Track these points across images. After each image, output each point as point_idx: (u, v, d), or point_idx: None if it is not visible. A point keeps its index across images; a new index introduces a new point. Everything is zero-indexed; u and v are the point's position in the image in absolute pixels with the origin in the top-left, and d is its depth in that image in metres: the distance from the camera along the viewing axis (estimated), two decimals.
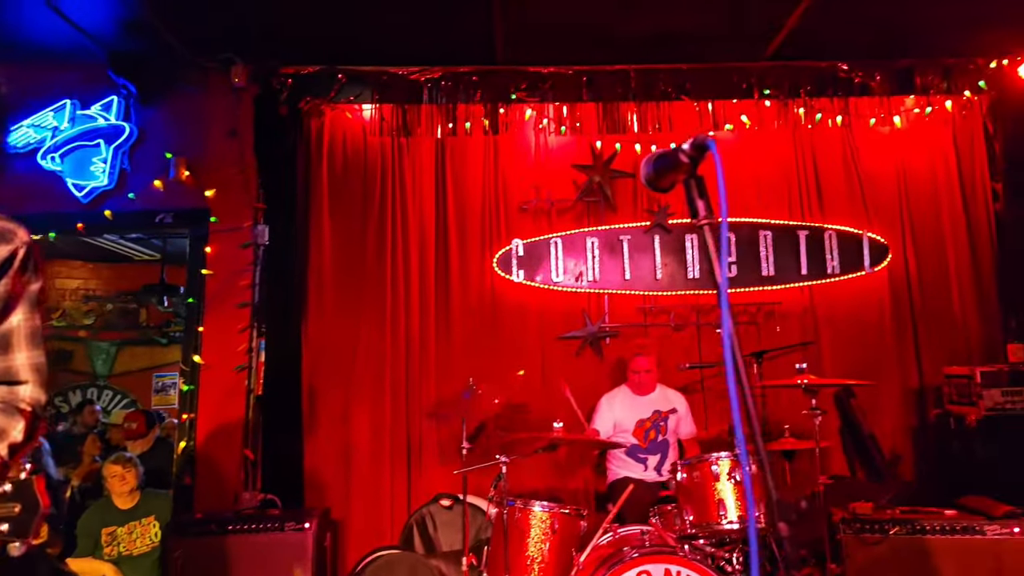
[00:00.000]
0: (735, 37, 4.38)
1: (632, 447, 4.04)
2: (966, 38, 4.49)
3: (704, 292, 4.70)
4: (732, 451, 2.99)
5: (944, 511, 3.16)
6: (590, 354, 4.65)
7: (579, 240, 4.69)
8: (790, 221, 4.76)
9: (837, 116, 4.78)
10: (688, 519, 2.96)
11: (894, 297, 4.73)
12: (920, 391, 4.61)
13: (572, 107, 4.65)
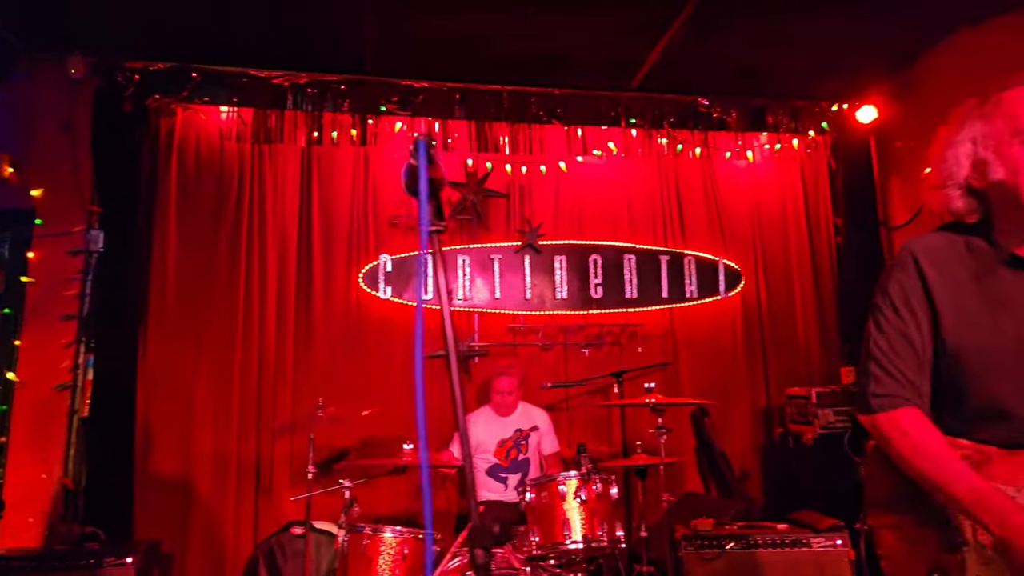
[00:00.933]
0: (604, 66, 4.51)
1: (492, 467, 4.00)
2: (811, 83, 4.86)
3: (572, 312, 4.77)
4: (580, 470, 2.99)
5: (777, 526, 3.32)
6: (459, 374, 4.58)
7: (450, 258, 4.63)
8: (653, 246, 4.94)
9: (697, 148, 5.02)
10: (535, 540, 2.93)
11: (746, 321, 4.99)
12: (767, 411, 4.88)
13: (444, 123, 4.61)
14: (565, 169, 4.82)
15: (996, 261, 1.42)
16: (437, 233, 0.98)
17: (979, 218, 1.46)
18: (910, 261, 1.48)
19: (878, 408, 1.45)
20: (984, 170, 1.42)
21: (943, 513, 1.40)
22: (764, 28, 4.07)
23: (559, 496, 2.94)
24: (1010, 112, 1.39)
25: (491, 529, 0.81)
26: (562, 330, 4.74)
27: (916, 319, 1.45)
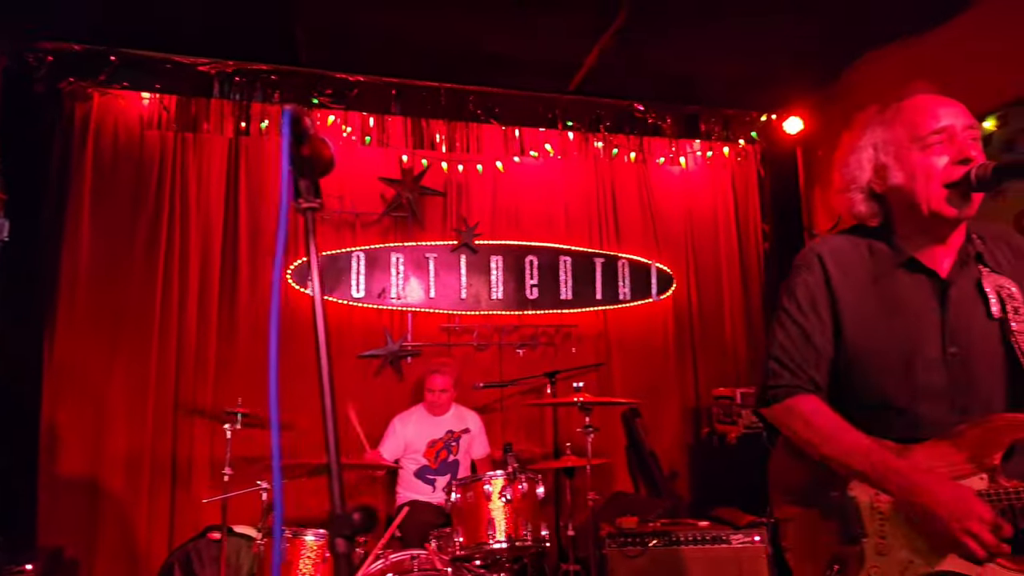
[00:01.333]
0: (542, 68, 4.52)
1: (421, 468, 3.95)
2: (742, 93, 5.00)
3: (507, 312, 4.76)
4: (506, 470, 2.97)
5: (699, 523, 3.39)
6: (390, 373, 4.51)
7: (384, 255, 4.56)
8: (589, 248, 4.98)
9: (632, 152, 5.10)
10: (459, 540, 2.90)
11: (677, 324, 5.09)
12: (696, 411, 4.98)
13: (380, 119, 4.53)
14: (502, 169, 4.81)
15: (895, 264, 1.47)
16: (312, 211, 0.93)
17: (881, 222, 1.51)
18: (815, 262, 1.53)
19: (773, 399, 1.50)
20: (885, 175, 1.46)
21: (844, 505, 1.44)
22: (696, 37, 4.16)
23: (484, 496, 2.92)
24: (909, 120, 1.43)
25: (351, 517, 0.78)
26: (497, 330, 4.73)
27: (819, 318, 1.49)
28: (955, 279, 1.44)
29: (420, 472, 3.93)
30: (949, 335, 1.41)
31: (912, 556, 1.36)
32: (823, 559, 1.46)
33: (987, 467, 1.32)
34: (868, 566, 1.40)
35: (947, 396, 1.40)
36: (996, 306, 1.40)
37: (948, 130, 1.39)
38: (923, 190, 1.39)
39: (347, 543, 0.81)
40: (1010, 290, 1.42)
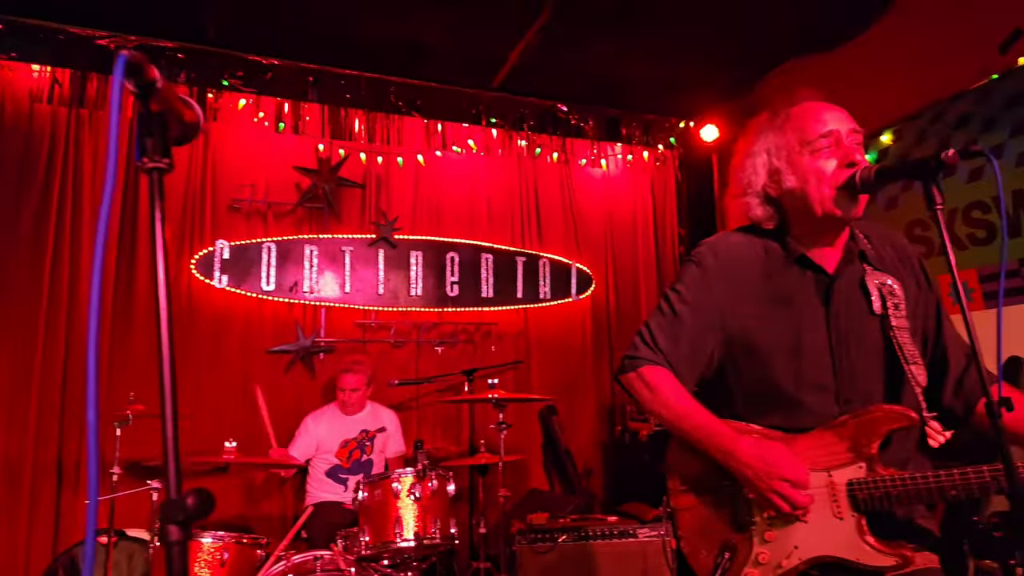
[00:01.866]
0: (467, 63, 4.49)
1: (333, 468, 3.82)
2: (662, 99, 5.13)
3: (427, 309, 4.68)
4: (416, 467, 2.90)
5: (608, 518, 3.42)
6: (302, 370, 4.35)
7: (297, 247, 4.39)
8: (511, 247, 4.97)
9: (555, 152, 5.13)
10: (365, 540, 2.81)
11: (595, 323, 5.14)
12: (611, 409, 5.05)
13: (295, 105, 4.38)
14: (423, 163, 4.74)
15: (786, 261, 1.51)
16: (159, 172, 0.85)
17: (776, 224, 1.54)
18: (709, 256, 1.56)
19: (629, 367, 1.55)
20: (778, 179, 1.49)
21: (735, 493, 1.47)
22: (617, 41, 4.23)
23: (392, 494, 2.84)
24: (798, 126, 1.47)
25: (184, 502, 0.71)
26: (416, 327, 4.65)
27: (695, 311, 1.52)
28: (840, 276, 1.48)
29: (332, 471, 3.80)
30: (833, 329, 1.45)
31: (796, 541, 1.40)
32: (715, 546, 1.47)
33: (866, 456, 1.36)
34: (756, 552, 1.42)
35: (831, 388, 1.44)
36: (877, 302, 1.45)
37: (834, 135, 1.43)
38: (815, 193, 1.43)
39: (180, 530, 0.73)
40: (892, 287, 1.47)
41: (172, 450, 0.75)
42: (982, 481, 1.25)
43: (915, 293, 1.52)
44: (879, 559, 1.34)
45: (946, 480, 1.29)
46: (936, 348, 1.53)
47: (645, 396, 1.52)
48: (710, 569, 1.46)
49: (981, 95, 3.30)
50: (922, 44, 3.61)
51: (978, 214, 3.30)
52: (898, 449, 1.41)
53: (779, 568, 1.40)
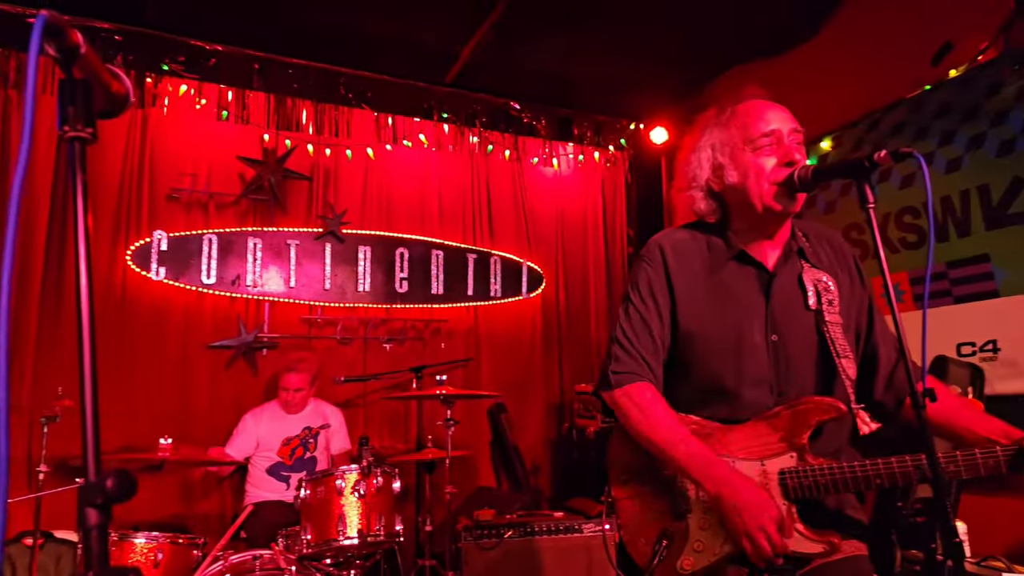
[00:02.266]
0: (419, 57, 4.44)
1: (274, 465, 3.73)
2: (613, 100, 5.18)
3: (375, 305, 4.62)
4: (361, 464, 2.85)
5: (554, 514, 3.44)
6: (243, 366, 4.23)
7: (240, 240, 4.27)
8: (462, 244, 4.95)
9: (507, 150, 5.13)
10: (306, 538, 2.74)
11: (545, 321, 5.17)
12: (560, 406, 5.08)
13: (240, 93, 4.25)
14: (373, 156, 4.67)
15: (727, 256, 1.55)
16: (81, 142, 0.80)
17: (718, 218, 1.59)
18: (657, 253, 1.60)
19: (616, 384, 1.54)
20: (722, 174, 1.54)
21: (674, 483, 1.49)
22: (569, 40, 4.25)
23: (336, 491, 2.79)
24: (742, 123, 1.52)
25: (103, 484, 0.67)
26: (363, 323, 4.58)
27: (657, 307, 1.56)
28: (779, 272, 1.53)
29: (273, 469, 3.71)
30: (771, 323, 1.49)
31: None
32: (654, 535, 1.50)
33: (797, 446, 1.40)
34: (692, 540, 1.45)
35: (768, 380, 1.48)
36: (813, 298, 1.50)
37: (776, 134, 1.48)
38: (755, 188, 1.48)
39: (99, 513, 0.70)
40: (827, 284, 1.52)
41: (92, 430, 0.71)
42: (905, 470, 1.30)
43: (849, 290, 1.57)
44: (807, 546, 1.38)
45: (871, 469, 1.34)
46: (868, 344, 1.59)
47: (633, 416, 1.50)
48: (648, 557, 1.48)
49: (914, 105, 3.44)
50: (861, 55, 3.75)
51: (909, 219, 3.44)
52: (829, 440, 1.46)
53: (714, 555, 1.43)
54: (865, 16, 3.78)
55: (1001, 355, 3.03)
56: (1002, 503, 2.93)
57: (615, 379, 1.54)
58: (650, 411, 1.48)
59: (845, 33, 3.91)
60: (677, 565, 1.45)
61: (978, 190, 3.12)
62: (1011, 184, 2.99)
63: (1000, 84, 3.03)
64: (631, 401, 1.51)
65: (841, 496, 1.46)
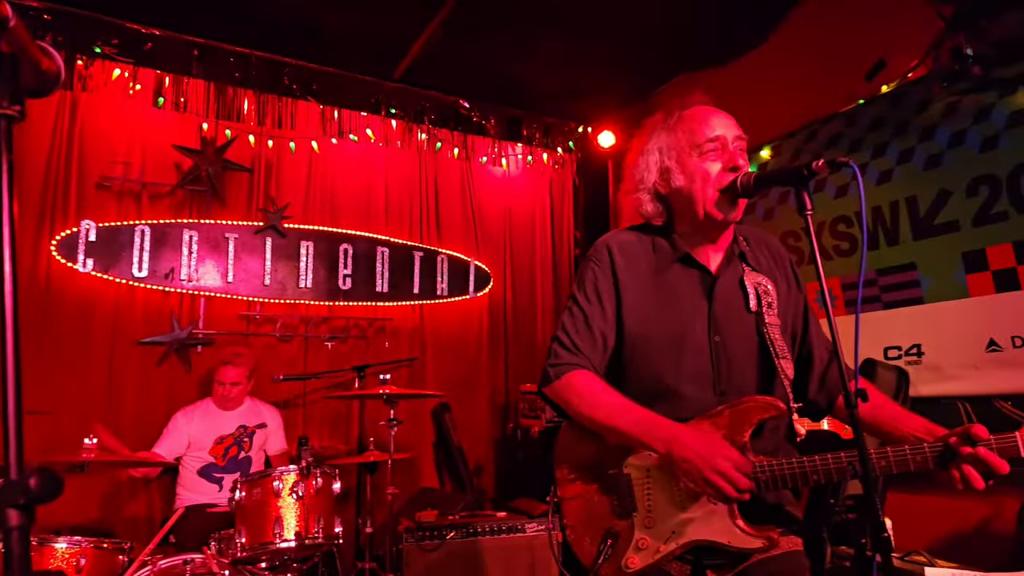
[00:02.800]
0: (368, 50, 4.37)
1: (206, 466, 3.59)
2: (562, 102, 5.21)
3: (316, 303, 4.51)
4: (300, 464, 2.78)
5: (497, 514, 3.43)
6: (176, 364, 4.07)
7: (175, 232, 4.10)
8: (408, 241, 4.89)
9: (456, 148, 5.10)
10: (241, 541, 2.65)
11: (492, 321, 5.16)
12: (505, 406, 5.08)
13: (177, 79, 4.08)
14: (318, 150, 4.56)
15: (672, 259, 1.58)
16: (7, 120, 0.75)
17: (664, 221, 1.62)
18: (605, 254, 1.62)
19: (555, 376, 1.55)
20: (668, 178, 1.57)
21: (619, 481, 1.50)
22: (519, 41, 4.26)
23: (273, 493, 2.71)
24: (689, 127, 1.55)
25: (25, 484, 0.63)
26: (304, 321, 4.47)
27: (602, 306, 1.57)
28: (721, 275, 1.56)
29: (205, 470, 3.57)
30: (714, 324, 1.52)
31: (674, 527, 1.45)
32: (599, 534, 1.51)
33: (739, 444, 1.43)
34: (636, 538, 1.47)
35: (710, 379, 1.51)
36: (753, 300, 1.54)
37: (721, 140, 1.52)
38: (700, 193, 1.51)
39: (21, 514, 0.65)
40: (766, 287, 1.57)
41: (14, 428, 0.66)
42: (840, 466, 1.34)
43: (786, 293, 1.62)
44: (748, 542, 1.42)
45: (809, 466, 1.38)
46: (803, 345, 1.64)
47: (574, 402, 1.51)
48: (593, 556, 1.48)
49: (849, 118, 3.58)
50: (801, 68, 3.88)
51: (843, 227, 3.58)
52: (769, 438, 1.50)
53: (658, 553, 1.45)
54: (805, 31, 3.91)
55: (925, 359, 3.19)
56: (924, 500, 3.08)
57: (554, 372, 1.55)
58: (589, 392, 1.50)
59: (786, 47, 4.04)
60: (621, 564, 1.46)
61: (907, 201, 3.27)
62: (937, 196, 3.14)
63: (929, 101, 3.19)
64: (570, 388, 1.52)
65: (779, 493, 1.50)
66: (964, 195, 3.04)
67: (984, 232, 2.97)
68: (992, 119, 2.94)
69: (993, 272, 2.95)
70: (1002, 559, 2.69)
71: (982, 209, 2.98)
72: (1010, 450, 1.29)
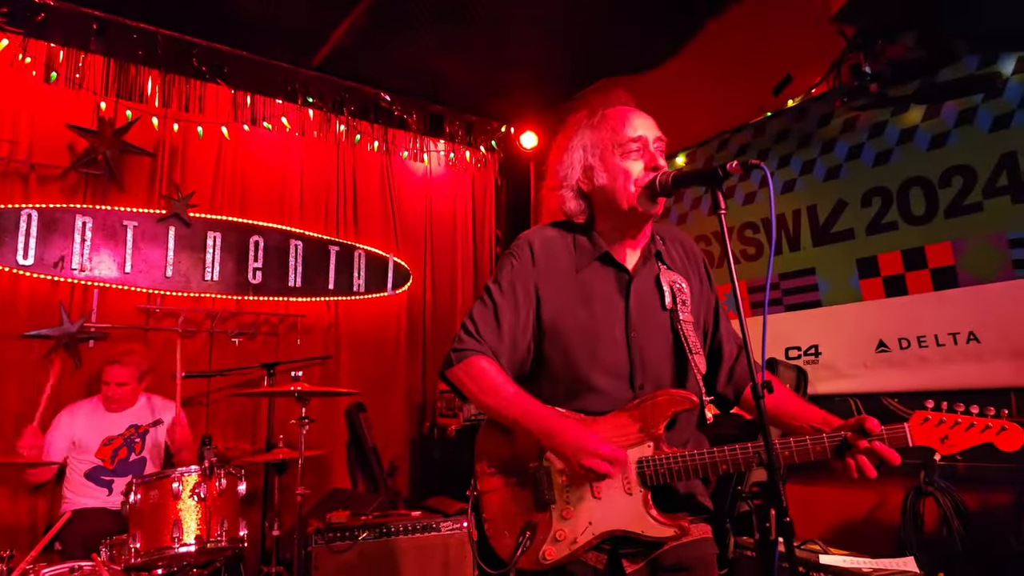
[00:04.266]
0: (285, 35, 4.21)
1: (94, 469, 3.34)
2: (486, 101, 5.21)
3: (223, 296, 4.30)
4: (202, 465, 2.63)
5: (412, 513, 3.38)
6: (65, 359, 3.77)
7: (66, 217, 3.81)
8: (324, 235, 4.74)
9: (376, 142, 4.99)
10: (135, 547, 2.49)
11: (410, 319, 5.08)
12: (422, 406, 5.01)
13: (74, 54, 3.80)
14: (228, 136, 4.36)
15: (592, 257, 1.60)
16: None
17: (587, 218, 1.64)
18: (526, 249, 1.63)
19: (456, 361, 1.55)
20: (591, 175, 1.59)
21: (538, 474, 1.50)
22: (444, 37, 4.21)
23: (172, 495, 2.56)
24: (612, 126, 1.58)
25: None
26: (209, 316, 4.25)
27: (516, 300, 1.57)
28: (638, 274, 1.60)
29: (92, 473, 3.32)
30: (631, 321, 1.56)
31: (590, 519, 1.47)
32: (518, 527, 1.51)
33: (653, 436, 1.47)
34: (554, 530, 1.48)
35: (626, 374, 1.54)
36: (669, 298, 1.58)
37: (642, 140, 1.56)
38: (622, 190, 1.54)
39: None
40: (680, 285, 1.61)
41: None
42: (747, 455, 1.40)
43: (699, 291, 1.67)
44: (661, 530, 1.45)
45: (719, 456, 1.43)
46: (713, 340, 1.70)
47: (470, 387, 1.52)
48: (512, 549, 1.48)
49: (758, 129, 3.75)
50: (714, 80, 4.04)
51: (750, 233, 3.75)
52: (682, 430, 1.54)
53: (575, 544, 1.46)
54: (719, 44, 4.07)
55: (822, 359, 3.38)
56: (818, 491, 3.27)
57: (456, 356, 1.56)
58: (485, 378, 1.51)
59: (701, 58, 4.20)
60: (539, 555, 1.47)
61: (808, 210, 3.46)
62: (835, 206, 3.34)
63: (830, 116, 3.39)
64: (468, 374, 1.53)
65: (690, 483, 1.55)
66: (859, 205, 3.25)
67: (876, 240, 3.18)
68: (886, 135, 3.16)
69: (884, 278, 3.16)
70: (889, 545, 2.89)
71: (875, 219, 3.19)
72: (899, 440, 1.38)
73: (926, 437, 1.39)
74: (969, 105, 2.88)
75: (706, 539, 1.55)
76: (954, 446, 1.38)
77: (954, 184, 2.92)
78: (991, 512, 2.70)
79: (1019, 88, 2.74)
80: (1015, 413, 2.76)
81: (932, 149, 2.99)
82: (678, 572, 1.49)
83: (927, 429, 1.40)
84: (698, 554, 1.51)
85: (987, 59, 2.83)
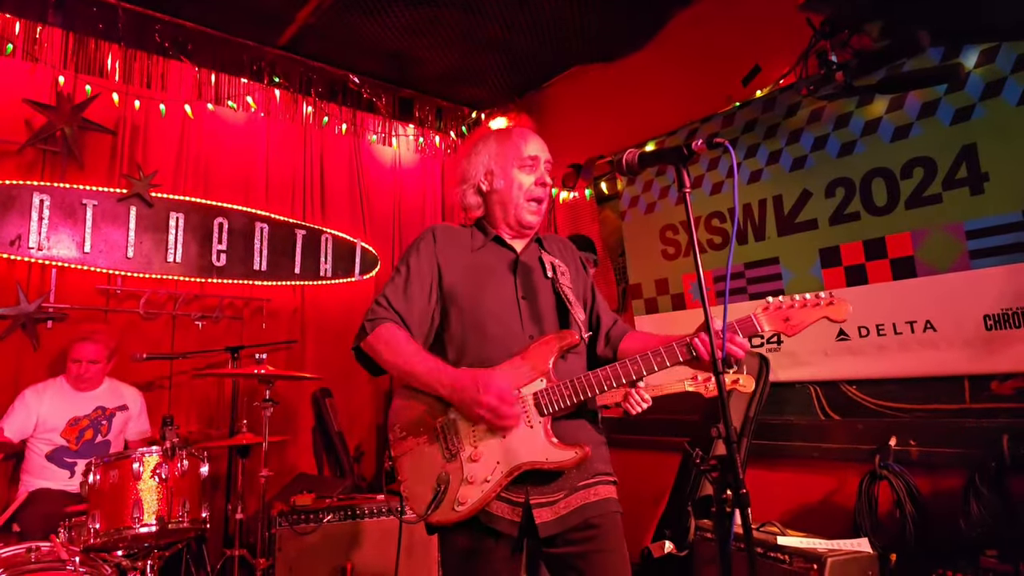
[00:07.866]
0: (251, 12, 4.10)
1: (57, 450, 3.27)
2: (456, 87, 5.15)
3: (186, 279, 4.22)
4: (163, 445, 2.59)
5: (377, 496, 3.37)
6: (22, 339, 3.67)
7: (23, 194, 3.69)
8: (290, 218, 4.67)
9: (344, 124, 4.92)
10: (94, 527, 2.44)
11: None
12: (389, 392, 4.99)
13: (29, 26, 3.67)
14: (192, 115, 4.26)
15: (486, 240, 1.87)
16: None
17: (483, 213, 1.91)
18: (430, 235, 1.87)
19: (370, 330, 1.74)
20: (491, 179, 1.88)
21: (446, 426, 1.67)
22: (414, 19, 4.15)
23: (133, 476, 2.51)
24: (515, 143, 1.87)
25: None
26: (172, 298, 4.17)
27: (421, 278, 1.79)
28: (523, 254, 1.88)
29: (55, 454, 3.25)
30: (520, 287, 1.82)
31: (498, 458, 1.61)
32: (431, 480, 1.64)
33: (543, 372, 1.68)
34: (465, 474, 1.62)
35: (518, 328, 1.77)
36: (550, 270, 1.87)
37: (536, 159, 1.86)
38: (515, 198, 1.84)
39: None
40: (559, 265, 1.91)
41: None
42: (627, 370, 1.62)
43: (575, 275, 1.94)
44: (562, 455, 1.61)
45: (602, 374, 1.63)
46: (591, 313, 1.97)
47: (382, 351, 1.70)
48: (428, 502, 1.59)
49: (727, 119, 3.79)
50: (684, 69, 4.06)
51: (716, 223, 3.80)
52: (571, 369, 1.74)
53: (486, 482, 1.60)
54: (689, 34, 4.10)
55: (783, 347, 3.45)
56: (777, 475, 3.34)
57: (369, 326, 1.74)
58: (395, 341, 1.70)
59: (671, 48, 4.22)
60: (455, 500, 1.58)
61: (773, 200, 3.52)
62: (800, 196, 3.40)
63: (797, 106, 3.44)
64: (379, 340, 1.71)
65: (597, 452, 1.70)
66: (823, 196, 3.31)
67: (839, 230, 3.25)
68: (850, 126, 3.22)
69: (845, 267, 3.23)
70: (845, 528, 2.97)
71: (838, 209, 3.25)
72: (750, 326, 1.61)
73: (772, 321, 1.62)
74: (932, 97, 2.95)
75: (611, 499, 1.71)
76: (796, 325, 1.60)
77: (915, 176, 2.99)
78: (942, 496, 2.80)
79: (980, 81, 2.81)
80: (968, 400, 2.87)
81: (895, 141, 3.06)
82: (587, 530, 1.63)
83: (771, 314, 1.62)
84: (603, 511, 1.67)
85: (950, 51, 2.89)
